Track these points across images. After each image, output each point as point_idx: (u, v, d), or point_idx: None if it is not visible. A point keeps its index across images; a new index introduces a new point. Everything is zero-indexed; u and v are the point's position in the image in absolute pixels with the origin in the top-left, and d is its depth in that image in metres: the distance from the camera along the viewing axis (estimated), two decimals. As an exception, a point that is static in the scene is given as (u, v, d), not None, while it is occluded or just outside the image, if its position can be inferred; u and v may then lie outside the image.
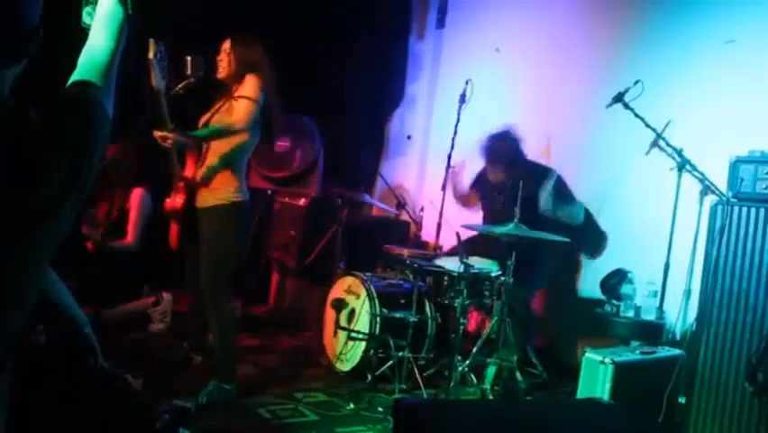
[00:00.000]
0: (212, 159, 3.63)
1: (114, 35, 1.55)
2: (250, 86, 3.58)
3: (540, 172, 4.62)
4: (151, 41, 3.16)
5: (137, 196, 4.72)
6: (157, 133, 3.36)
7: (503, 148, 4.57)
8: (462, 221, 4.38)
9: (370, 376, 4.08)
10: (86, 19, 1.66)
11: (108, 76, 1.48)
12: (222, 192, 3.60)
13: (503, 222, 3.99)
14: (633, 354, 3.57)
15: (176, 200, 3.68)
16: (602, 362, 3.36)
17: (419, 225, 5.57)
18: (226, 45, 3.67)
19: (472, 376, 4.09)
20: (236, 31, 3.73)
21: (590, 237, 4.80)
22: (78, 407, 2.02)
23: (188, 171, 3.71)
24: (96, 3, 1.62)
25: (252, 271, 5.65)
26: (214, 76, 3.69)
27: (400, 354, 4.01)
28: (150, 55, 3.17)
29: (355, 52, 6.23)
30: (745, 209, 3.30)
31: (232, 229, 3.66)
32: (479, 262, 4.18)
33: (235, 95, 3.59)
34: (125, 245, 4.67)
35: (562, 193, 4.61)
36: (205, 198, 3.63)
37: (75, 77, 1.46)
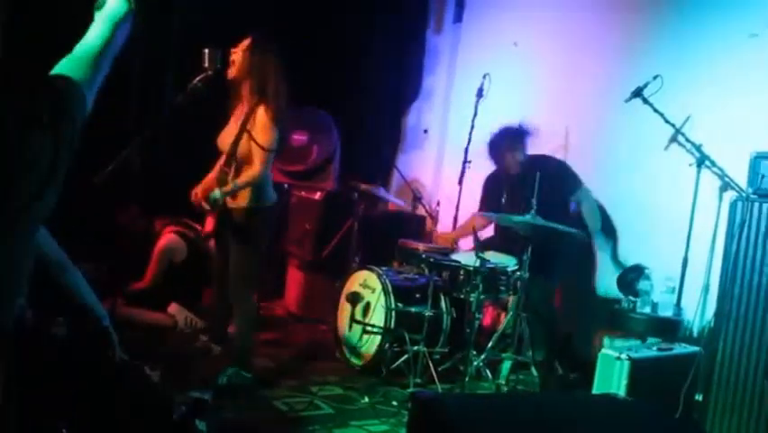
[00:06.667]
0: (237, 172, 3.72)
1: (109, 28, 1.58)
2: (261, 128, 3.58)
3: (565, 174, 4.58)
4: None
5: (160, 248, 4.79)
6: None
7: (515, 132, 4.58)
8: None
9: (384, 370, 4.09)
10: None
11: (93, 67, 1.52)
12: (253, 195, 3.68)
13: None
14: (650, 350, 3.55)
15: (207, 226, 3.83)
16: (618, 358, 3.35)
17: (435, 219, 5.57)
18: (245, 44, 3.64)
19: (487, 371, 4.09)
20: (253, 25, 3.72)
21: (608, 232, 4.78)
22: (97, 399, 2.04)
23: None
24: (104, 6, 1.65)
25: (268, 265, 5.67)
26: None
27: (415, 348, 4.01)
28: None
29: (372, 46, 6.22)
30: (765, 205, 3.27)
31: (262, 230, 3.78)
32: (494, 257, 4.17)
33: (251, 132, 3.60)
34: (139, 288, 4.75)
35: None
36: (238, 199, 3.70)
37: (62, 68, 1.50)
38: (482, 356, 4.03)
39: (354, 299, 4.26)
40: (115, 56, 1.59)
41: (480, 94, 4.98)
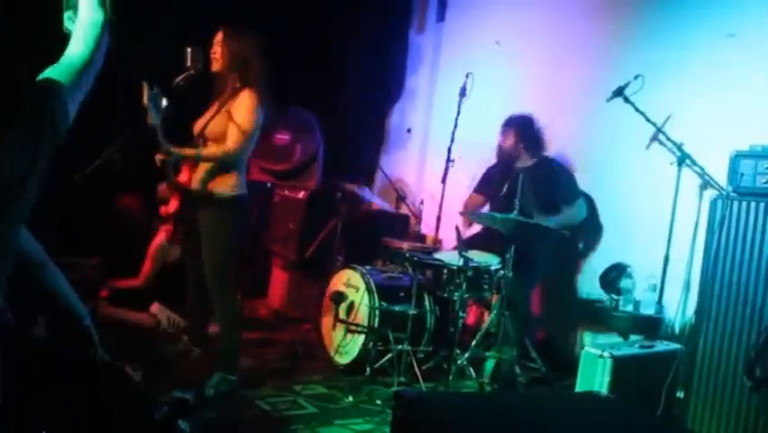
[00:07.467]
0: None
1: (91, 40, 1.67)
2: (244, 108, 3.53)
3: (567, 181, 4.61)
4: (144, 84, 3.30)
5: (155, 246, 4.78)
6: (158, 157, 3.48)
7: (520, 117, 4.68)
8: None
9: (368, 369, 4.09)
10: (67, 24, 1.73)
11: (77, 76, 1.60)
12: (222, 186, 3.59)
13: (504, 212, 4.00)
14: (631, 348, 3.57)
15: (170, 206, 3.78)
16: (601, 356, 3.37)
17: (419, 218, 5.57)
18: (219, 37, 3.64)
19: (471, 369, 4.10)
20: (233, 23, 3.71)
21: (590, 231, 4.80)
22: (78, 399, 2.02)
23: (182, 177, 3.75)
24: (75, 8, 1.68)
25: (252, 264, 5.66)
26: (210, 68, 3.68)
27: (399, 347, 4.01)
28: (145, 100, 3.29)
29: (355, 45, 6.22)
30: (744, 203, 3.30)
31: (231, 222, 3.65)
32: (478, 256, 4.18)
33: (231, 111, 3.54)
34: (133, 286, 4.74)
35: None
36: (205, 190, 3.61)
37: (47, 73, 1.57)
38: (466, 355, 4.03)
39: (338, 298, 4.26)
40: (97, 73, 1.65)
41: (462, 93, 4.98)
